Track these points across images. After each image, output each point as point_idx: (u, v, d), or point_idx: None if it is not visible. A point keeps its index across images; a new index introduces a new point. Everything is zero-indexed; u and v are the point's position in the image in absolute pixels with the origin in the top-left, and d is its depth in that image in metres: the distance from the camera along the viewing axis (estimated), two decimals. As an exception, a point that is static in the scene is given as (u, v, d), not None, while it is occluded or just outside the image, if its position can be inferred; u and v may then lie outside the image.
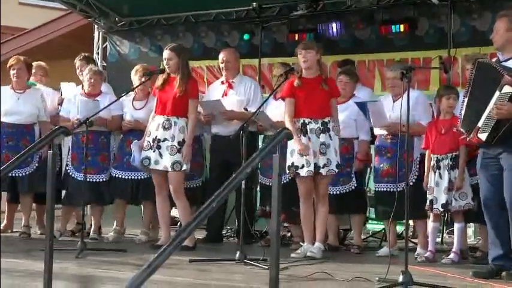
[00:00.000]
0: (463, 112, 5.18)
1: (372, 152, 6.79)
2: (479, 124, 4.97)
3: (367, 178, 7.20)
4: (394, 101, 6.30)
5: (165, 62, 6.46)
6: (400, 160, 5.97)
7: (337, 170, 6.08)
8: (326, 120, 6.07)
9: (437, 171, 6.00)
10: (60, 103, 7.50)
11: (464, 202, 5.97)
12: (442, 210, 5.97)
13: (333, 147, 6.06)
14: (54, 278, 3.91)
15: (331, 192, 6.55)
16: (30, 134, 7.18)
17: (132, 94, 7.18)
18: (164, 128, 6.34)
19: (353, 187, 6.66)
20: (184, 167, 6.33)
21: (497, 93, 4.88)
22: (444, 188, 5.94)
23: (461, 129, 5.26)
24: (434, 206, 5.97)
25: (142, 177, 6.97)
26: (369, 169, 7.08)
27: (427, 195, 6.03)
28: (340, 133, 6.36)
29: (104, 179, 7.11)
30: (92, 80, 7.18)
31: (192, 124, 6.39)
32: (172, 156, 6.29)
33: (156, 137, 6.35)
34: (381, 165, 6.38)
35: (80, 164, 6.94)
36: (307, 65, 6.14)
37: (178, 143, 6.31)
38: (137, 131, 6.99)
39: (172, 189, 6.39)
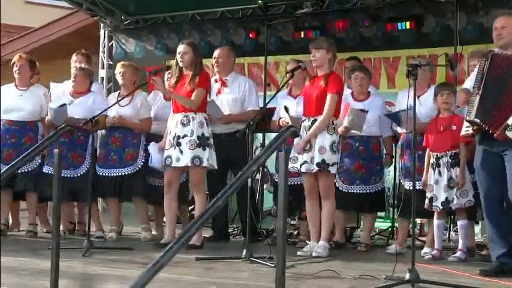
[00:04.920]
0: (476, 103, 5.01)
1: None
2: (510, 122, 4.86)
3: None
4: (418, 97, 6.21)
5: (179, 56, 6.39)
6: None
7: (317, 169, 5.93)
8: (318, 118, 5.99)
9: (436, 169, 5.97)
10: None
11: (465, 200, 5.94)
12: (442, 208, 5.95)
13: (318, 146, 5.93)
14: (60, 277, 3.91)
15: (363, 191, 6.54)
16: (34, 131, 7.14)
17: (117, 90, 7.15)
18: (183, 125, 6.31)
19: (383, 185, 6.65)
20: (204, 163, 6.27)
21: None
22: (444, 185, 5.91)
23: (476, 120, 5.04)
24: (434, 204, 5.95)
25: (126, 173, 6.96)
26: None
27: (427, 193, 6.00)
28: (368, 131, 6.41)
29: (72, 175, 6.93)
30: (75, 76, 7.14)
31: (187, 100, 6.26)
32: (192, 151, 6.26)
33: (175, 134, 6.32)
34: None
35: (51, 159, 6.84)
36: (315, 63, 6.12)
37: (198, 137, 6.26)
38: (121, 128, 7.00)
39: (193, 184, 6.43)
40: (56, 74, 8.09)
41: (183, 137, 6.29)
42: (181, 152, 6.29)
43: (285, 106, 6.60)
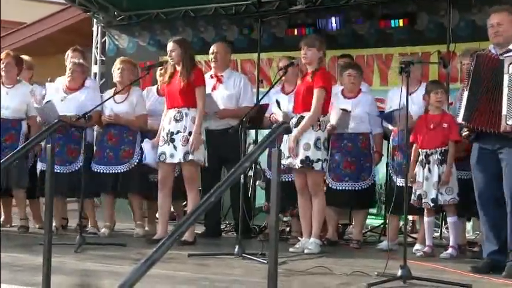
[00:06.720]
0: (463, 105, 5.06)
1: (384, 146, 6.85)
2: (504, 112, 4.83)
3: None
4: (410, 94, 6.23)
5: (168, 54, 6.45)
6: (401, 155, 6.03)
7: (300, 165, 5.96)
8: (304, 114, 6.01)
9: (426, 166, 5.99)
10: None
11: (449, 197, 5.95)
12: (432, 205, 5.96)
13: (303, 142, 5.95)
14: (53, 272, 3.92)
15: (352, 188, 6.56)
16: (16, 130, 7.10)
17: (109, 86, 7.15)
18: (176, 121, 6.32)
19: (372, 181, 6.66)
20: (194, 157, 6.28)
21: (506, 76, 4.82)
22: (434, 182, 5.93)
23: (462, 122, 5.13)
24: (424, 201, 5.97)
25: (122, 170, 6.93)
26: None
27: (416, 190, 6.01)
28: (356, 128, 6.46)
29: (66, 171, 6.91)
30: (71, 71, 7.11)
31: (200, 112, 6.36)
32: (184, 147, 6.27)
33: (169, 130, 6.33)
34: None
35: (45, 155, 6.82)
36: (305, 61, 6.14)
37: (190, 133, 6.27)
38: (117, 125, 6.98)
39: (186, 180, 6.39)
40: (48, 69, 8.09)
41: (176, 133, 6.30)
42: (175, 148, 6.30)
43: (276, 100, 6.59)
